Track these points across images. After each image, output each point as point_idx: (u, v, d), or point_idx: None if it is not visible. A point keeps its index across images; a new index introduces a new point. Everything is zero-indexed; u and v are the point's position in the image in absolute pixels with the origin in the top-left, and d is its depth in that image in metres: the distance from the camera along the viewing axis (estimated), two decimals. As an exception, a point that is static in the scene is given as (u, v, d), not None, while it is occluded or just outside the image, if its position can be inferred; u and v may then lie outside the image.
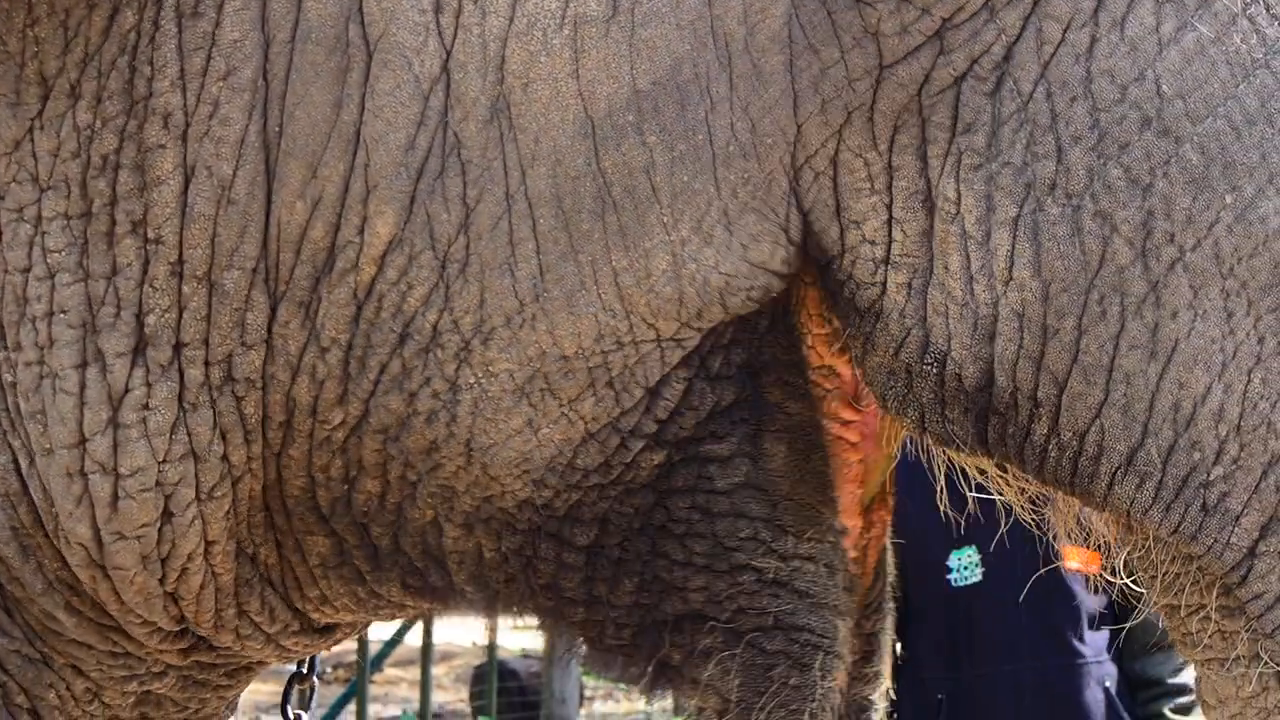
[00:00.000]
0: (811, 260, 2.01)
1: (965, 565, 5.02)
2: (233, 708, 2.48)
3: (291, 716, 2.65)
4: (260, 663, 2.33)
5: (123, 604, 2.12)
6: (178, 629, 2.17)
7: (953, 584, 5.03)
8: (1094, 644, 4.99)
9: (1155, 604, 2.05)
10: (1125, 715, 4.95)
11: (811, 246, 1.99)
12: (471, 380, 2.00)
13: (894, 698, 5.30)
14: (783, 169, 1.96)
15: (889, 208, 1.96)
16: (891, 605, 2.22)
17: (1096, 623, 5.00)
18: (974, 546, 5.01)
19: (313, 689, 2.65)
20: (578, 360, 1.99)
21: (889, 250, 1.96)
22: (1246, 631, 1.95)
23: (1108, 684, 4.97)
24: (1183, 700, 5.02)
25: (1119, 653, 5.04)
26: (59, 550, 2.10)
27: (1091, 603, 4.99)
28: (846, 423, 2.11)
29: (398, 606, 2.22)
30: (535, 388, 2.00)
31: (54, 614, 2.14)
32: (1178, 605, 2.01)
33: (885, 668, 2.20)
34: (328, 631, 2.29)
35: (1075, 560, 4.96)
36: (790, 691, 2.07)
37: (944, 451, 2.08)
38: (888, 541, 2.22)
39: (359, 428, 2.04)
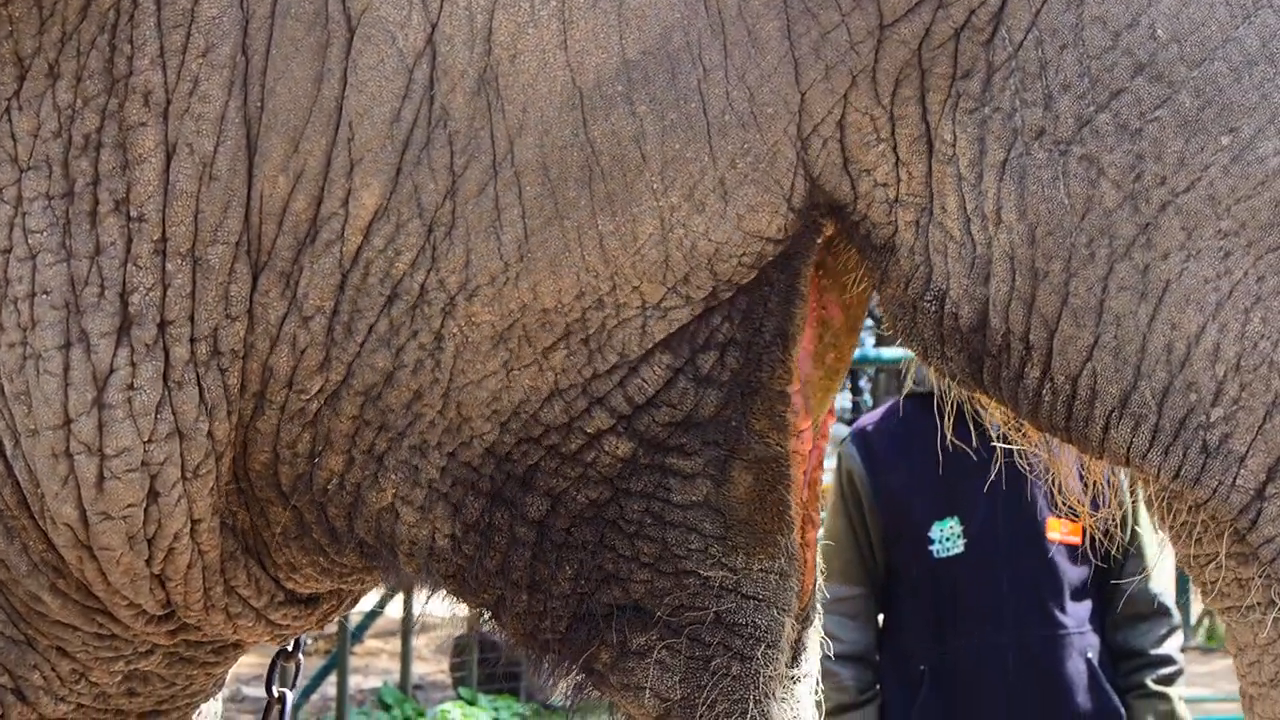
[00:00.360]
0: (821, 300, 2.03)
1: (947, 536, 5.03)
2: (220, 684, 2.47)
3: (275, 694, 2.64)
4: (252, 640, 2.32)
5: (109, 585, 2.11)
6: (164, 613, 2.16)
7: (935, 555, 5.04)
8: (1076, 615, 5.00)
9: (1178, 557, 2.03)
10: (1108, 686, 4.97)
11: (821, 202, 1.98)
12: (455, 330, 2.00)
13: (879, 669, 5.33)
14: (788, 140, 1.94)
15: (895, 151, 1.95)
16: (819, 611, 2.22)
17: (1080, 593, 5.02)
18: (956, 517, 5.02)
19: (298, 666, 2.63)
20: (556, 315, 1.99)
21: (899, 190, 1.95)
22: (1260, 578, 1.91)
23: (1090, 655, 4.99)
24: (1165, 671, 5.04)
25: (1101, 624, 5.05)
26: (44, 532, 2.09)
27: (1074, 573, 5.01)
28: (798, 433, 2.10)
29: (364, 572, 2.21)
30: (514, 335, 2.00)
31: (39, 596, 2.13)
32: (1195, 555, 1.98)
33: (814, 668, 2.17)
34: (313, 603, 2.28)
35: (1057, 531, 5.01)
36: (731, 682, 2.05)
37: (952, 388, 2.06)
38: (818, 554, 2.20)
39: (338, 393, 2.04)
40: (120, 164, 2.00)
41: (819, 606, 2.21)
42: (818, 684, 2.18)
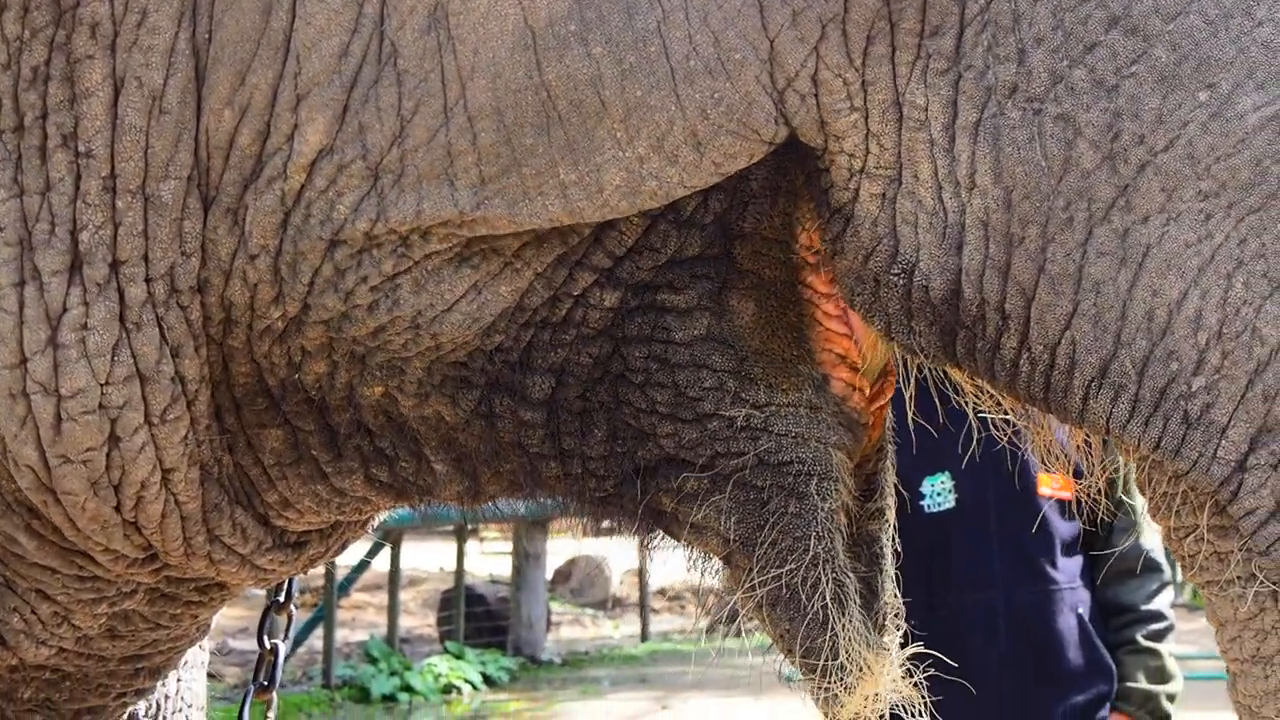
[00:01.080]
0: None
1: (938, 491, 5.02)
2: (205, 630, 2.44)
3: (268, 645, 2.62)
4: (236, 582, 2.29)
5: (79, 531, 2.07)
6: (145, 555, 2.13)
7: (926, 510, 5.02)
8: (1067, 570, 4.99)
9: (1160, 529, 2.00)
10: (1098, 641, 4.97)
11: (794, 146, 1.94)
12: (408, 265, 1.96)
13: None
14: (762, 89, 1.89)
15: (866, 122, 1.90)
16: (894, 447, 2.17)
17: (1071, 549, 5.01)
18: (947, 472, 5.00)
19: (290, 618, 2.61)
20: (520, 232, 1.96)
21: (866, 162, 1.91)
22: (1240, 551, 1.87)
23: (1080, 610, 4.98)
24: (1155, 627, 5.03)
25: (1092, 579, 5.05)
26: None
27: (1065, 529, 5.00)
28: (826, 295, 2.06)
29: (361, 501, 2.17)
30: (474, 251, 1.96)
31: (14, 537, 2.09)
32: (1175, 527, 1.94)
33: (890, 504, 2.15)
34: (301, 547, 2.25)
35: (1048, 486, 4.99)
36: (791, 519, 2.02)
37: (914, 362, 2.03)
38: (888, 411, 2.17)
39: (299, 320, 2.01)
40: (68, 98, 1.96)
41: (892, 447, 2.18)
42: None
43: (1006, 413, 2.08)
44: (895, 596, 2.12)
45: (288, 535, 2.20)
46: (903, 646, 2.11)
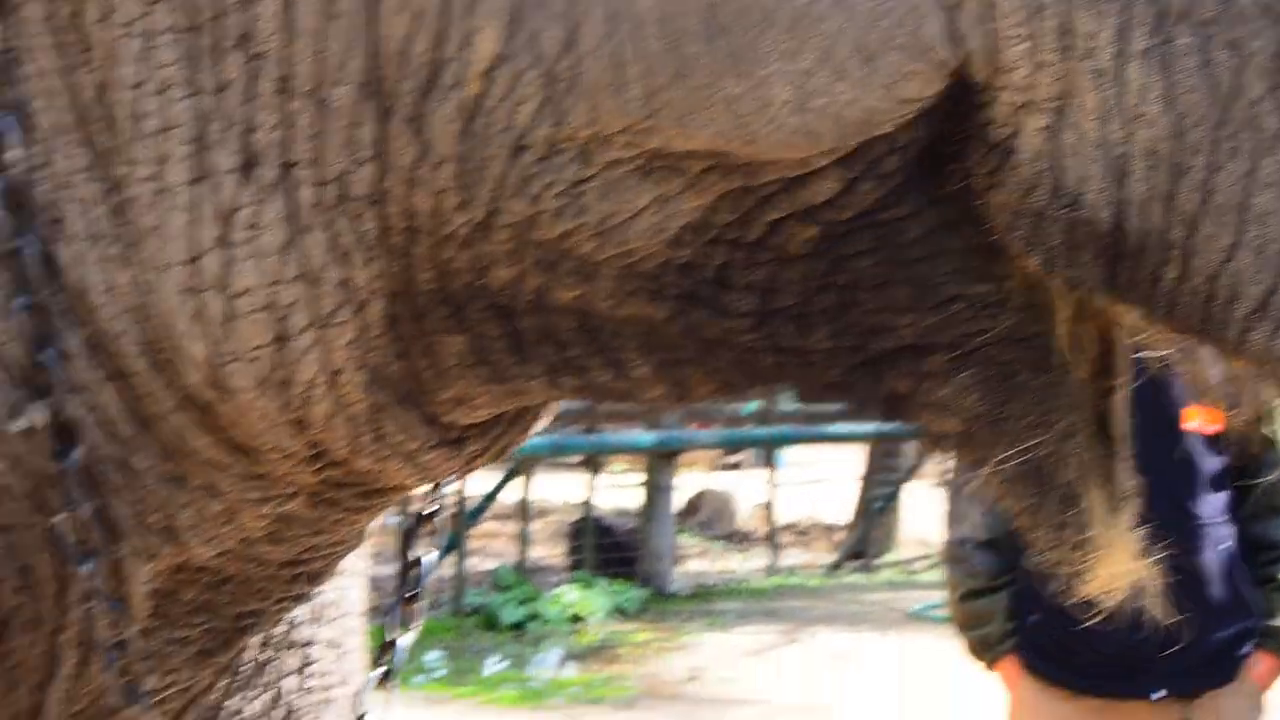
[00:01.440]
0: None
1: (1082, 424, 4.96)
2: (362, 539, 2.46)
3: (410, 559, 2.62)
4: (395, 488, 2.31)
5: (247, 428, 2.10)
6: (311, 454, 2.15)
7: (1069, 444, 4.97)
8: (1212, 505, 4.92)
9: None
10: (1242, 578, 4.90)
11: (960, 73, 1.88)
12: (592, 173, 1.94)
13: (1013, 557, 5.24)
14: (931, 3, 1.84)
15: (1036, 51, 1.84)
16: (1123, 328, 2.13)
17: (1217, 483, 4.94)
18: (1092, 404, 4.95)
19: (434, 532, 2.60)
20: (699, 153, 1.92)
21: (1032, 95, 1.85)
22: None
23: (1224, 546, 4.91)
24: (1301, 565, 4.97)
25: (1238, 515, 4.97)
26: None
27: (1211, 463, 4.92)
28: None
29: (540, 396, 2.16)
30: (657, 167, 1.93)
31: (184, 432, 2.12)
32: None
33: (1125, 382, 2.06)
34: (461, 444, 2.23)
35: (1196, 420, 4.91)
36: (1036, 393, 1.97)
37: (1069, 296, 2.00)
38: None
39: (486, 225, 1.99)
40: None
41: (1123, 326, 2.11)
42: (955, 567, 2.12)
43: (1155, 344, 2.04)
44: (1131, 477, 2.06)
45: (451, 431, 2.21)
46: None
